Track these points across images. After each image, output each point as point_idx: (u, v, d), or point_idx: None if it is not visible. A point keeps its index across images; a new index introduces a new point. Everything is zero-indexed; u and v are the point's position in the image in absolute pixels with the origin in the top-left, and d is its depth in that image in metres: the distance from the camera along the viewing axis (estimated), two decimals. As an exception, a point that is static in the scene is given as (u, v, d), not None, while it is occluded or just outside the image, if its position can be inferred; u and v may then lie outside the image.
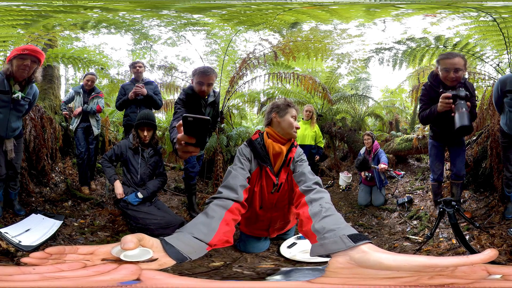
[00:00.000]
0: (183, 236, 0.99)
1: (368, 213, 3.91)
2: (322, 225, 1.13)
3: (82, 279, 0.66)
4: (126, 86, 3.81)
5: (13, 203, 2.95)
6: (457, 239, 2.35)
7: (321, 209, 1.24)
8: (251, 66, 5.37)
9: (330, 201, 1.35)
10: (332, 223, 1.12)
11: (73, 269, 0.71)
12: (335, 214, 1.21)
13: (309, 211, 1.28)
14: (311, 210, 1.28)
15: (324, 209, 1.24)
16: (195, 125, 0.90)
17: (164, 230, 2.70)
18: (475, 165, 3.56)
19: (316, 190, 1.44)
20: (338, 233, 1.02)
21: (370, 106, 7.20)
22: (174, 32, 5.23)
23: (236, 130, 5.42)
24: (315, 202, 1.33)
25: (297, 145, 1.90)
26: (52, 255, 0.77)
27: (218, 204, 1.29)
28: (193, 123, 0.90)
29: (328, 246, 0.98)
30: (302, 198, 1.42)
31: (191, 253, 0.91)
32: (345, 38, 5.08)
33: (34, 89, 2.77)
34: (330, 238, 1.02)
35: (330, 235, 1.05)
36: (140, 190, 2.91)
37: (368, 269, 0.78)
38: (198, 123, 0.90)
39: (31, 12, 3.70)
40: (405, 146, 5.12)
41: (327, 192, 1.45)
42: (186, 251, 0.90)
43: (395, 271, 0.74)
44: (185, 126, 0.91)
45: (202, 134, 0.92)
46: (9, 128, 2.66)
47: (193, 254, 0.92)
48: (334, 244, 0.97)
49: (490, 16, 3.68)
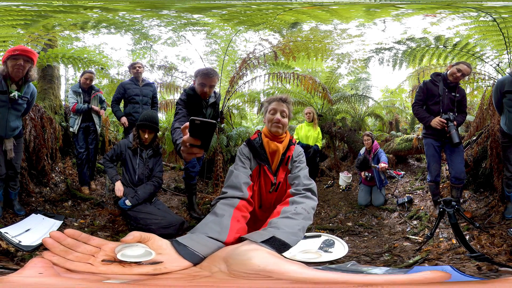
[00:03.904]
0: (197, 236, 0.97)
1: (368, 213, 3.91)
2: (276, 221, 1.15)
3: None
4: (125, 86, 3.82)
5: (13, 203, 2.95)
6: (457, 239, 2.36)
7: (292, 211, 1.25)
8: (251, 66, 5.37)
9: (309, 208, 1.33)
10: (284, 224, 1.13)
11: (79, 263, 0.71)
12: (297, 220, 1.19)
13: (283, 208, 1.30)
14: (285, 208, 1.30)
15: (293, 212, 1.24)
16: (201, 128, 0.93)
17: (165, 230, 2.70)
18: (475, 165, 3.56)
19: (304, 195, 1.44)
20: (273, 231, 1.03)
21: (370, 106, 7.21)
22: (174, 32, 5.24)
23: (236, 130, 5.42)
24: (294, 204, 1.34)
25: (296, 142, 1.89)
26: (68, 238, 0.77)
27: (224, 203, 1.29)
28: (200, 126, 0.92)
29: (253, 235, 0.99)
30: (288, 198, 1.43)
31: (207, 253, 0.87)
32: (345, 38, 5.09)
33: (31, 88, 2.79)
34: (264, 231, 1.04)
35: (269, 229, 1.07)
36: (129, 198, 2.85)
37: (236, 265, 0.74)
38: (205, 126, 0.93)
39: (31, 12, 3.70)
40: (405, 146, 5.12)
41: (314, 200, 1.44)
42: (202, 251, 0.87)
43: (264, 272, 0.69)
44: (191, 129, 0.93)
45: (207, 137, 0.95)
46: (8, 128, 2.67)
47: (210, 254, 0.88)
48: (256, 234, 0.99)
49: (490, 16, 3.68)
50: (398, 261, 2.49)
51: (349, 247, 2.40)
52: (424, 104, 3.19)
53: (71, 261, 0.71)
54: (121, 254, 0.75)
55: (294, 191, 1.49)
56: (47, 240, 0.75)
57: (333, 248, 2.14)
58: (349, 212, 4.02)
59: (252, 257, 0.76)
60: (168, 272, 0.74)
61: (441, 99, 3.06)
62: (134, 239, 0.80)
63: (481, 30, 4.04)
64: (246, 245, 0.87)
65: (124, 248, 0.78)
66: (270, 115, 1.75)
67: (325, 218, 3.96)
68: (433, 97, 3.11)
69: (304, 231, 1.18)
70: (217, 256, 0.83)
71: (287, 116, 1.78)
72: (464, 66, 3.01)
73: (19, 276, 0.62)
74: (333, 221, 3.82)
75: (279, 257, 0.79)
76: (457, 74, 2.99)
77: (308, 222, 1.25)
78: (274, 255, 0.79)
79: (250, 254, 0.78)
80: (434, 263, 2.31)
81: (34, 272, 0.64)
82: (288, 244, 1.02)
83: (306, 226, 1.22)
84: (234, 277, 0.70)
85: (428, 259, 2.39)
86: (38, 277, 0.63)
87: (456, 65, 3.04)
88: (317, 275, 0.65)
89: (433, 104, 3.11)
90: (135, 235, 0.81)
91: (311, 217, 1.29)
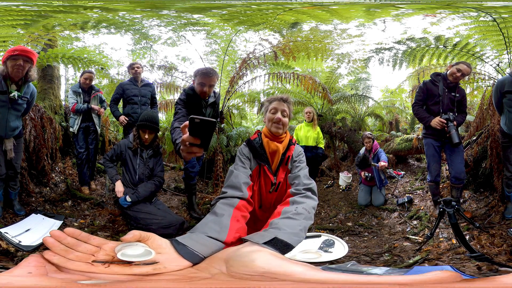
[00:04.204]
0: (196, 236, 0.96)
1: (368, 213, 3.91)
2: (277, 222, 1.14)
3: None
4: (124, 86, 3.82)
5: (13, 203, 2.95)
6: (457, 239, 2.36)
7: (292, 211, 1.24)
8: (251, 66, 5.37)
9: (310, 208, 1.33)
10: (285, 225, 1.12)
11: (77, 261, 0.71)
12: (298, 220, 1.19)
13: (284, 208, 1.29)
14: (286, 208, 1.29)
15: (294, 212, 1.24)
16: (201, 126, 0.91)
17: (165, 230, 2.70)
18: (475, 165, 3.56)
19: (304, 194, 1.44)
20: (275, 232, 1.02)
21: (370, 106, 7.21)
22: (174, 32, 5.23)
23: (236, 130, 5.42)
24: (295, 204, 1.34)
25: (295, 142, 1.88)
26: (68, 237, 0.76)
27: (224, 203, 1.28)
28: (199, 124, 0.91)
29: (254, 236, 0.97)
30: (288, 198, 1.43)
31: (207, 253, 0.87)
32: (345, 38, 5.09)
33: (31, 88, 2.79)
34: (265, 232, 1.03)
35: (270, 230, 1.06)
36: (129, 194, 2.85)
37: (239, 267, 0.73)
38: (205, 125, 0.91)
39: (31, 12, 3.70)
40: (405, 146, 5.12)
41: (314, 200, 1.44)
42: (202, 251, 0.86)
43: (267, 273, 0.67)
44: (191, 127, 0.92)
45: (207, 135, 0.94)
46: (8, 128, 2.68)
47: (210, 254, 0.88)
48: (257, 235, 0.97)
49: (490, 16, 3.68)
50: (398, 261, 2.49)
51: (349, 247, 2.40)
52: (424, 104, 3.20)
53: (72, 261, 0.71)
54: (121, 254, 0.75)
55: (294, 191, 1.49)
56: (48, 240, 0.75)
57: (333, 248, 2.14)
58: (349, 212, 4.02)
59: (255, 258, 0.75)
60: (166, 273, 0.73)
61: (441, 99, 3.06)
62: (134, 238, 0.80)
63: (481, 30, 4.04)
64: (247, 246, 0.86)
65: (124, 248, 0.77)
66: (271, 114, 1.75)
67: (325, 218, 3.96)
68: (433, 97, 3.11)
69: (305, 231, 1.18)
70: (217, 257, 0.82)
71: (287, 116, 1.78)
72: (464, 66, 3.02)
73: (8, 275, 0.62)
74: (333, 221, 3.82)
75: (283, 258, 0.78)
76: (457, 74, 3.00)
77: (309, 222, 1.25)
78: (278, 256, 0.78)
79: (253, 255, 0.77)
80: (434, 263, 2.31)
81: (24, 271, 0.63)
82: (291, 244, 1.01)
83: (307, 226, 1.22)
84: (234, 278, 0.70)
85: (428, 259, 2.39)
86: (25, 276, 0.62)
87: (456, 65, 3.05)
88: (324, 276, 0.64)
89: (433, 104, 3.12)
90: (135, 233, 0.81)
91: (312, 217, 1.29)
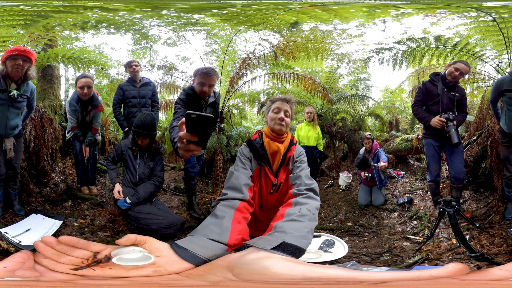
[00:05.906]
0: (197, 239, 0.94)
1: (368, 213, 3.91)
2: (282, 225, 1.11)
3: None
4: (123, 87, 3.77)
5: (13, 203, 2.95)
6: (457, 239, 2.36)
7: (296, 213, 1.22)
8: (251, 66, 5.37)
9: (314, 209, 1.30)
10: (291, 228, 1.09)
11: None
12: (304, 222, 1.16)
13: (287, 210, 1.26)
14: (289, 210, 1.26)
15: (298, 214, 1.21)
16: (198, 122, 0.88)
17: (166, 230, 2.70)
18: (475, 165, 3.57)
19: (306, 195, 1.42)
20: (281, 236, 0.98)
21: (370, 106, 7.20)
22: (174, 32, 5.23)
23: (236, 130, 5.42)
24: (298, 205, 1.31)
25: (296, 142, 1.88)
26: (61, 244, 0.73)
27: (225, 204, 1.27)
28: (196, 120, 0.87)
29: (259, 241, 0.93)
30: (290, 199, 1.41)
31: (209, 255, 0.85)
32: (345, 38, 5.09)
33: (30, 87, 2.80)
34: (270, 236, 1.00)
35: (276, 234, 1.02)
36: (129, 196, 2.83)
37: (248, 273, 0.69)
38: (202, 121, 0.88)
39: (31, 12, 3.70)
40: (405, 146, 5.12)
41: (317, 200, 1.41)
42: (204, 253, 0.84)
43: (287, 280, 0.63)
44: (187, 124, 0.88)
45: (205, 132, 0.90)
46: (8, 126, 2.69)
47: (212, 256, 0.85)
48: (262, 240, 0.94)
49: (490, 16, 3.68)
50: (398, 261, 2.49)
51: (349, 247, 2.41)
52: (424, 105, 3.20)
53: (62, 264, 0.68)
54: (117, 259, 0.73)
55: (296, 192, 1.48)
56: (39, 244, 0.72)
57: (333, 248, 2.15)
58: (349, 212, 4.02)
59: (269, 266, 0.71)
60: (163, 275, 0.71)
61: (440, 99, 3.06)
62: (129, 241, 0.78)
63: (481, 30, 4.04)
64: (253, 253, 0.81)
65: (121, 253, 0.75)
66: (274, 113, 1.74)
67: (325, 218, 3.97)
68: (433, 97, 3.11)
69: (312, 233, 1.14)
70: (217, 265, 0.78)
71: (289, 117, 1.77)
72: (462, 65, 3.01)
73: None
74: (333, 221, 3.82)
75: (302, 263, 0.73)
76: (455, 73, 2.99)
77: (314, 224, 1.22)
78: (295, 261, 0.74)
79: (265, 263, 0.73)
80: (434, 263, 2.31)
81: (2, 266, 0.62)
82: (302, 248, 0.97)
83: (313, 228, 1.19)
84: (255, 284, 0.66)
85: (428, 259, 2.40)
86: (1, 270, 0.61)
87: (453, 64, 3.04)
88: (361, 275, 0.61)
89: (433, 104, 3.11)
90: (130, 237, 0.79)
91: (316, 218, 1.26)
